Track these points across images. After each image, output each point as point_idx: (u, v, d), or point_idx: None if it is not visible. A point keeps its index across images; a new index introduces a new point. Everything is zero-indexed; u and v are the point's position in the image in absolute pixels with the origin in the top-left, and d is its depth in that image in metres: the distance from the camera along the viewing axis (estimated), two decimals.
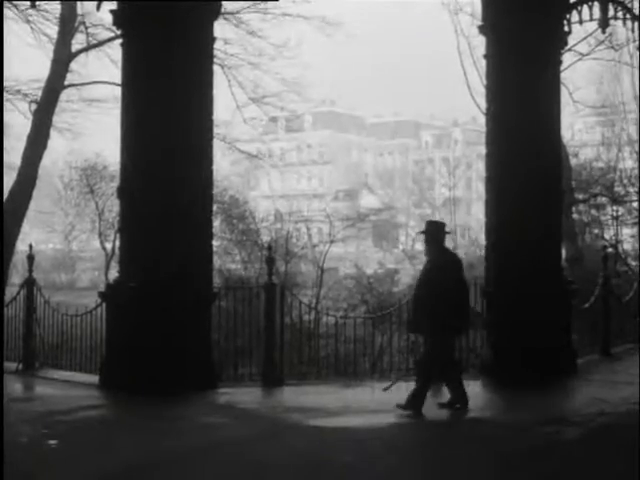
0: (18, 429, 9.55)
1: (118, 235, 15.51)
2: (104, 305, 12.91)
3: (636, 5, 18.73)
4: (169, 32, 12.31)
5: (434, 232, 11.24)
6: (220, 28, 20.41)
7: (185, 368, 11.99)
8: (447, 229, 11.57)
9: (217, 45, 14.02)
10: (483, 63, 14.95)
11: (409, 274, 32.29)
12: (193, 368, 12.10)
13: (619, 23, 18.70)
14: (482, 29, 14.58)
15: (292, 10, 27.49)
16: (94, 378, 12.75)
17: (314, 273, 28.20)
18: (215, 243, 15.02)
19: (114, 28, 15.47)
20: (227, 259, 27.68)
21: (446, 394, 11.38)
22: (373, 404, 12.00)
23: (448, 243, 11.94)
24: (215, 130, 13.61)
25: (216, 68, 14.48)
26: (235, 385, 12.99)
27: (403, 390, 11.51)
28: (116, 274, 13.67)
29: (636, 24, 18.90)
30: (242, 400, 11.90)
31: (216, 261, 16.67)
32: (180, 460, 8.71)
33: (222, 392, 12.12)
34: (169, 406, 11.14)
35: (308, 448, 9.24)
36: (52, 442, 9.22)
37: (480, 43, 15.15)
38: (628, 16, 18.47)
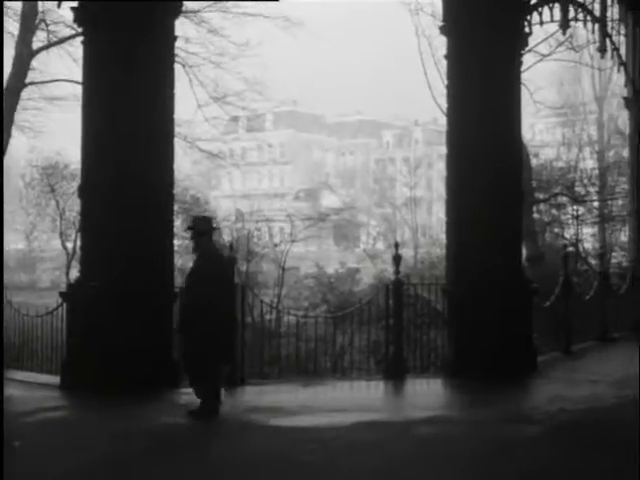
0: None
1: (79, 234, 15.40)
2: (65, 305, 12.82)
3: (597, 7, 18.92)
4: (130, 30, 12.26)
5: (202, 228, 11.13)
6: (181, 26, 20.35)
7: (146, 368, 11.94)
8: (214, 224, 11.58)
9: (178, 44, 13.96)
10: (444, 63, 14.99)
11: (370, 273, 32.34)
12: (155, 368, 12.06)
13: (580, 25, 18.92)
14: (443, 29, 14.63)
15: (253, 9, 27.51)
16: (55, 379, 12.67)
17: (275, 272, 28.20)
18: (176, 242, 14.98)
19: (75, 26, 15.39)
20: (188, 258, 27.58)
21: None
22: (334, 403, 12.00)
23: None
24: (176, 129, 13.58)
25: (177, 67, 14.43)
26: None
27: (364, 390, 11.54)
28: (77, 274, 13.58)
29: (596, 26, 19.10)
30: None
31: (177, 260, 16.59)
32: (141, 461, 8.68)
33: (183, 392, 12.06)
34: (130, 406, 11.09)
35: (269, 448, 9.23)
36: (15, 443, 9.15)
37: (441, 44, 15.22)
38: (589, 18, 18.68)
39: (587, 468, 8.38)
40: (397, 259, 13.97)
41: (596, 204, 39.43)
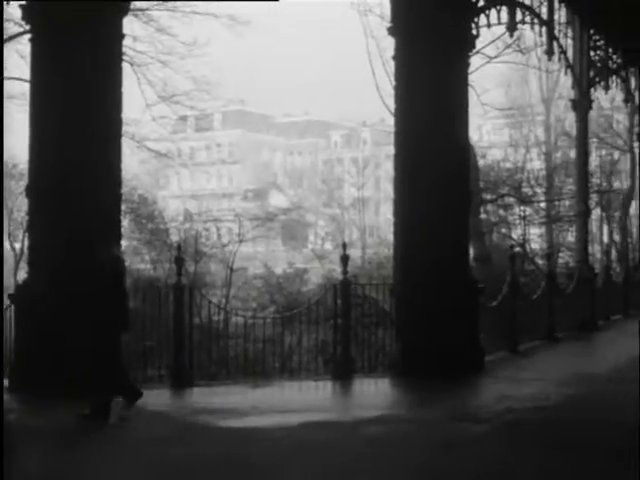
0: None
1: (27, 235, 15.25)
2: (13, 307, 12.67)
3: (544, 10, 19.07)
4: (78, 28, 12.15)
5: None
6: (129, 25, 20.24)
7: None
8: None
9: (126, 42, 13.89)
10: (392, 64, 15.03)
11: (318, 274, 32.40)
12: (102, 369, 11.94)
13: (527, 27, 19.05)
14: (391, 30, 14.66)
15: (202, 8, 27.41)
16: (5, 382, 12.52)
17: (223, 273, 28.13)
18: (124, 243, 14.89)
19: (23, 23, 15.22)
20: (136, 259, 27.44)
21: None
22: (283, 404, 12.00)
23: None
24: (124, 128, 13.49)
25: (125, 66, 14.33)
26: (144, 387, 12.84)
27: (312, 390, 11.54)
28: (25, 275, 13.44)
29: (544, 29, 19.26)
30: (151, 402, 11.76)
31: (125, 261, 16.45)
32: (89, 464, 8.62)
33: None
34: (78, 408, 10.99)
35: (217, 449, 9.20)
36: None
37: (389, 44, 15.24)
38: (536, 21, 18.82)
39: (533, 466, 8.45)
40: (345, 259, 13.99)
41: (543, 205, 39.81)
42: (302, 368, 14.88)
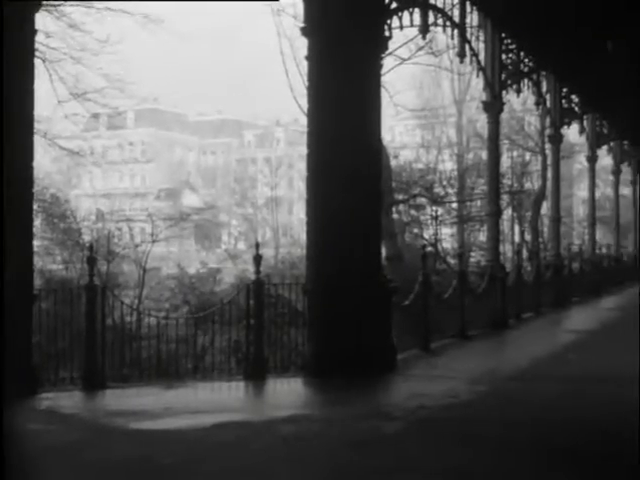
0: None
1: None
2: None
3: (456, 13, 19.29)
4: None
5: None
6: (42, 20, 19.97)
7: (3, 373, 11.66)
8: None
9: (38, 38, 13.68)
10: (305, 64, 15.05)
11: (232, 273, 32.38)
12: (12, 373, 11.78)
13: (439, 30, 19.25)
14: (304, 31, 14.68)
15: (116, 5, 27.15)
16: None
17: (136, 273, 27.96)
18: (36, 243, 14.71)
19: None
20: (48, 260, 27.14)
21: None
22: (196, 405, 11.96)
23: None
24: (36, 126, 13.29)
25: (37, 62, 14.13)
26: (56, 389, 12.71)
27: (225, 391, 11.51)
28: None
29: (456, 31, 19.48)
30: (63, 405, 11.66)
31: (37, 262, 16.27)
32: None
33: (43, 397, 11.84)
34: None
35: (130, 452, 9.13)
36: None
37: (302, 45, 15.25)
38: (448, 23, 19.02)
39: (446, 463, 8.54)
40: (258, 259, 14.00)
41: (455, 205, 40.34)
42: (215, 368, 14.84)
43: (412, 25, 16.83)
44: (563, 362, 15.69)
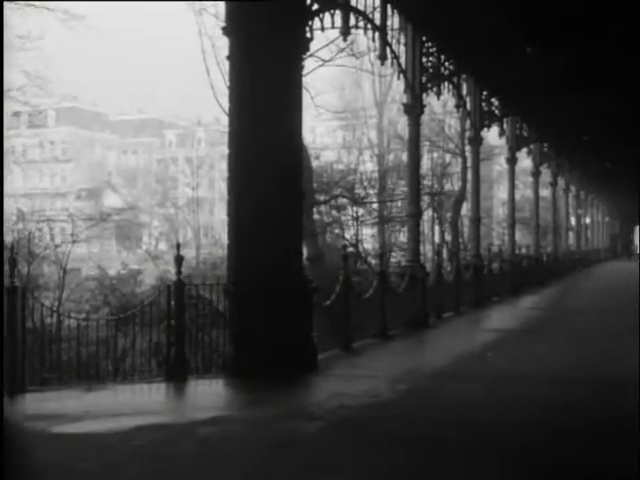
0: None
1: None
2: None
3: (377, 16, 19.42)
4: None
5: None
6: None
7: None
8: None
9: None
10: (227, 64, 15.03)
11: (153, 274, 32.18)
12: None
13: (360, 32, 19.36)
14: (225, 30, 14.65)
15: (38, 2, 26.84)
16: None
17: (57, 274, 27.66)
18: None
19: None
20: None
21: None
22: (116, 408, 11.87)
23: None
24: None
25: None
26: None
27: (146, 393, 11.42)
28: None
29: (377, 34, 19.61)
30: None
31: None
32: None
33: None
34: None
35: (50, 456, 9.04)
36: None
37: (224, 44, 15.24)
38: (369, 26, 19.13)
39: (367, 462, 8.61)
40: (179, 260, 13.95)
41: (376, 206, 40.55)
42: (136, 370, 14.75)
43: (333, 27, 16.91)
44: (482, 361, 15.88)
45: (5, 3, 26.22)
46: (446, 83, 25.04)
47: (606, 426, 10.12)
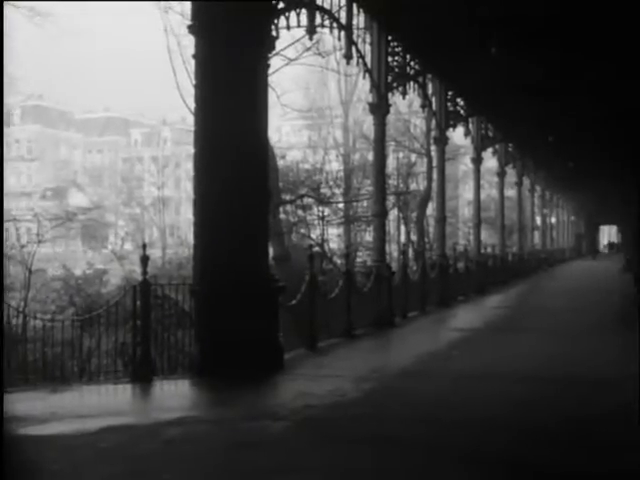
0: None
1: None
2: None
3: (343, 15, 19.46)
4: None
5: None
6: None
7: None
8: None
9: None
10: (193, 63, 15.01)
11: (118, 275, 32.06)
12: None
13: (326, 31, 19.40)
14: (191, 29, 14.63)
15: None
16: None
17: (22, 275, 27.50)
18: None
19: None
20: None
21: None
22: (82, 409, 11.83)
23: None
24: None
25: None
26: None
27: (112, 394, 11.38)
28: None
29: (343, 33, 19.65)
30: None
31: None
32: None
33: None
34: None
35: (18, 459, 9.00)
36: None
37: (190, 43, 15.21)
38: (335, 25, 19.17)
39: (332, 462, 8.62)
40: (145, 260, 13.91)
41: (341, 205, 40.60)
42: (102, 371, 14.71)
43: (299, 26, 16.94)
44: (447, 359, 15.95)
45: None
46: (412, 83, 25.12)
47: (574, 423, 10.22)
